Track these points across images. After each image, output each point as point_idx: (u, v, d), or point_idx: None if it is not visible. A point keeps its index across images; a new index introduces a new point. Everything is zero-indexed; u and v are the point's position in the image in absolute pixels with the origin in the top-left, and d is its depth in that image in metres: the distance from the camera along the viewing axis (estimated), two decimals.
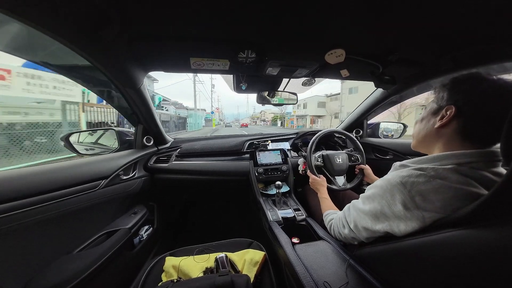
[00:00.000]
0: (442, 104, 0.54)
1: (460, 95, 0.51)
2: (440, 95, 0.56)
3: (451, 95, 0.53)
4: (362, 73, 1.06)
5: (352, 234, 0.65)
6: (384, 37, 0.72)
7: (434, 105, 0.57)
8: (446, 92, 0.54)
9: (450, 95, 0.53)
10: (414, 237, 0.47)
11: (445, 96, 0.54)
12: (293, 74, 1.06)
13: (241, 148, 1.50)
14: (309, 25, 0.64)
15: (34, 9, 0.49)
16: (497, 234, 0.35)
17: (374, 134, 1.72)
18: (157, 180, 1.33)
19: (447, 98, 0.53)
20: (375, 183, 0.58)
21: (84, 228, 0.85)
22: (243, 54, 0.80)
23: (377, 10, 0.57)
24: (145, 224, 1.20)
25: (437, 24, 0.63)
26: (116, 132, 1.25)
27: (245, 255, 0.80)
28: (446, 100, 0.53)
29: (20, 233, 0.61)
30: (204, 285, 0.62)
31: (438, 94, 0.57)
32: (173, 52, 0.80)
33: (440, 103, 0.55)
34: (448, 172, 0.46)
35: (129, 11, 0.57)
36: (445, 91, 0.55)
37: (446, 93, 0.54)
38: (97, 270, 0.76)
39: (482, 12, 0.56)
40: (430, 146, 0.58)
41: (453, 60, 0.81)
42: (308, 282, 0.61)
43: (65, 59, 0.75)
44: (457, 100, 0.51)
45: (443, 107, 0.54)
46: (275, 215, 1.06)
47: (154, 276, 0.76)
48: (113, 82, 0.86)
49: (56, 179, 0.71)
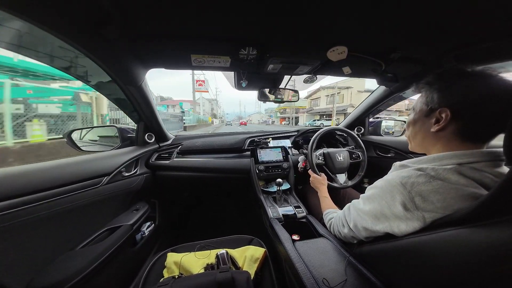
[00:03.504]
0: (433, 107, 0.52)
1: (453, 97, 0.48)
2: (429, 97, 0.53)
3: (442, 96, 0.50)
4: (364, 71, 1.06)
5: (351, 233, 0.65)
6: (386, 34, 0.71)
7: (424, 106, 0.55)
8: (435, 93, 0.51)
9: (441, 96, 0.50)
10: (414, 236, 0.47)
11: (435, 98, 0.51)
12: (295, 71, 1.05)
13: (242, 146, 1.50)
14: (311, 22, 0.63)
15: (36, 7, 0.49)
16: (498, 233, 0.35)
17: (376, 132, 1.72)
18: (158, 177, 1.33)
19: (438, 101, 0.51)
20: (375, 184, 0.58)
21: (86, 225, 0.86)
22: (244, 51, 0.79)
23: (380, 7, 0.56)
24: (147, 220, 1.21)
25: (440, 22, 0.62)
26: (118, 129, 1.26)
27: (245, 252, 0.81)
28: (437, 102, 0.51)
29: (23, 230, 0.62)
30: (205, 281, 0.62)
31: (426, 95, 0.54)
32: (174, 49, 0.80)
33: (431, 105, 0.52)
34: (448, 173, 0.46)
35: (130, 9, 0.56)
36: (433, 92, 0.52)
37: (436, 95, 0.51)
38: (100, 266, 0.77)
39: (484, 10, 0.55)
40: (429, 148, 0.56)
41: (456, 58, 0.80)
42: (308, 279, 0.61)
43: (66, 56, 0.75)
44: (452, 104, 0.48)
45: (435, 110, 0.51)
46: (275, 212, 1.07)
47: (156, 272, 0.77)
48: (114, 79, 0.86)
49: (58, 176, 0.72)
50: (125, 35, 0.67)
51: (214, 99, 57.34)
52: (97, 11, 0.55)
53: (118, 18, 0.58)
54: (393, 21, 0.62)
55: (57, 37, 0.57)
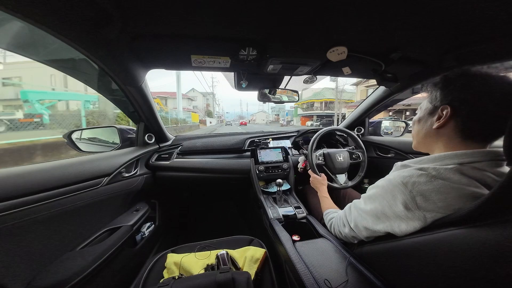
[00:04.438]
0: (436, 104, 0.54)
1: (453, 94, 0.50)
2: (433, 95, 0.55)
3: (444, 94, 0.52)
4: (364, 71, 1.06)
5: (352, 233, 0.65)
6: (386, 35, 0.71)
7: (429, 105, 0.57)
8: (438, 92, 0.53)
9: (443, 94, 0.52)
10: (415, 236, 0.47)
11: (438, 96, 0.53)
12: (295, 71, 1.05)
13: (242, 146, 1.50)
14: (311, 22, 0.63)
15: (36, 7, 0.49)
16: (499, 233, 0.35)
17: (376, 132, 1.72)
18: (158, 177, 1.33)
19: (440, 98, 0.52)
20: (377, 183, 0.58)
21: (86, 225, 0.86)
22: (244, 51, 0.79)
23: (380, 8, 0.56)
24: (147, 221, 1.21)
25: (440, 23, 0.62)
26: (118, 130, 1.26)
27: (246, 252, 0.81)
28: (440, 100, 0.53)
29: (22, 230, 0.62)
30: (205, 282, 0.62)
31: (431, 93, 0.56)
32: (174, 50, 0.80)
33: (434, 103, 0.54)
34: (450, 172, 0.46)
35: (130, 9, 0.56)
36: (437, 91, 0.54)
37: (439, 93, 0.53)
38: (100, 267, 0.77)
39: (484, 10, 0.55)
40: (431, 146, 0.57)
41: (456, 58, 0.80)
42: (309, 280, 0.61)
43: (66, 57, 0.75)
44: (452, 100, 0.50)
45: (438, 107, 0.53)
46: (275, 213, 1.07)
47: (156, 272, 0.77)
48: (114, 80, 0.86)
49: (58, 176, 0.72)
50: (125, 35, 0.67)
51: (209, 92, 42.09)
52: (97, 11, 0.55)
53: (118, 18, 0.58)
54: (393, 21, 0.63)
55: (56, 37, 0.57)
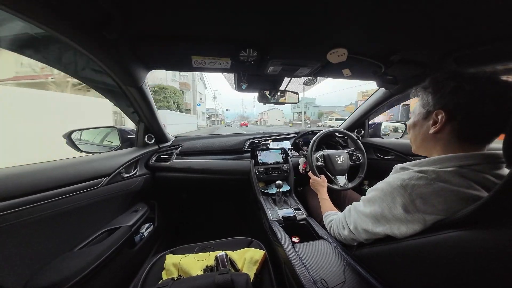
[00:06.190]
0: (430, 109, 0.53)
1: (446, 99, 0.49)
2: (425, 100, 0.55)
3: (436, 99, 0.51)
4: (364, 73, 1.06)
5: (351, 235, 0.65)
6: (386, 37, 0.71)
7: (422, 109, 0.56)
8: (430, 96, 0.53)
9: (435, 99, 0.51)
10: (414, 238, 0.47)
11: (430, 101, 0.53)
12: (295, 73, 1.05)
13: (242, 147, 1.50)
14: (311, 24, 0.64)
15: (37, 7, 0.49)
16: (498, 235, 0.35)
17: (375, 134, 1.72)
18: (158, 178, 1.33)
19: (433, 103, 0.52)
20: (376, 186, 0.58)
21: (85, 226, 0.86)
22: (245, 53, 0.79)
23: (380, 10, 0.56)
24: (146, 222, 1.21)
25: (440, 25, 0.62)
26: (118, 130, 1.26)
27: (245, 254, 0.80)
28: (432, 105, 0.52)
29: (21, 230, 0.62)
30: (204, 283, 0.62)
31: (422, 98, 0.56)
32: (175, 51, 0.80)
33: (427, 108, 0.54)
34: (449, 175, 0.46)
35: (131, 10, 0.57)
36: (428, 95, 0.53)
37: (430, 97, 0.52)
38: (98, 268, 0.77)
39: (485, 12, 0.55)
40: (430, 150, 0.57)
41: (456, 60, 0.80)
42: (308, 281, 0.61)
43: (67, 57, 0.75)
44: (446, 105, 0.49)
45: (431, 112, 0.52)
46: (275, 214, 1.07)
47: (154, 274, 0.77)
48: (115, 80, 0.86)
49: (58, 176, 0.72)
50: (126, 36, 0.67)
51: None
52: (98, 12, 0.55)
53: (119, 19, 0.58)
54: (393, 24, 0.63)
55: (57, 38, 0.58)
